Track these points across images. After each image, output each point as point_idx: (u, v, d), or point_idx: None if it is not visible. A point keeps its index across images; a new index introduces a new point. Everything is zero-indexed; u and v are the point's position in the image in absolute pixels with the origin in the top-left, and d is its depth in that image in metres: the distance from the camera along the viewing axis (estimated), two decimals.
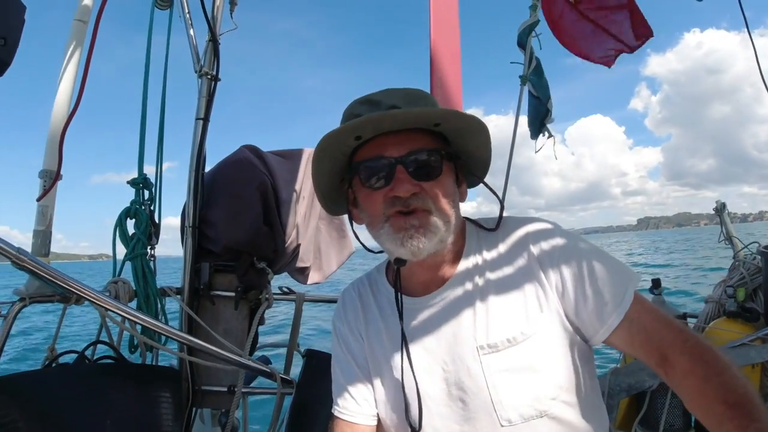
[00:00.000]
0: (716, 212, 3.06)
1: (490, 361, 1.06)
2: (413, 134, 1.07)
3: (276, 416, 2.16)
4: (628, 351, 1.08)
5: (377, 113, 1.02)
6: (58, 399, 1.61)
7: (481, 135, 1.12)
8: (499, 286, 1.11)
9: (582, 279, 1.06)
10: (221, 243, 2.14)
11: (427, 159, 1.06)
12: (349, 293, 1.35)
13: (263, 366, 2.06)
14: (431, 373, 1.13)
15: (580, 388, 1.08)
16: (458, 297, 1.14)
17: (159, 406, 1.85)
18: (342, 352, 1.29)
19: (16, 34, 1.33)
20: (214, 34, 2.23)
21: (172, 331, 1.87)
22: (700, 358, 0.93)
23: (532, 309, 1.07)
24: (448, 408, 1.10)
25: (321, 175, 1.16)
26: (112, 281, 2.00)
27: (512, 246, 1.15)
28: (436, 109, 1.07)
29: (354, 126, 1.03)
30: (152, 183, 2.19)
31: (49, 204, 1.86)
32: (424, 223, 1.04)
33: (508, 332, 1.06)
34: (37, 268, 1.52)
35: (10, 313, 1.70)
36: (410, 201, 1.04)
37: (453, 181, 1.13)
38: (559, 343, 1.06)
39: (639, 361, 2.54)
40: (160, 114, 2.25)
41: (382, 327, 1.23)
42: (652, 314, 1.03)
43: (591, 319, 1.05)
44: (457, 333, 1.11)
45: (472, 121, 1.08)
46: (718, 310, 2.59)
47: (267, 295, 2.22)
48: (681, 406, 2.52)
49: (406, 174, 1.05)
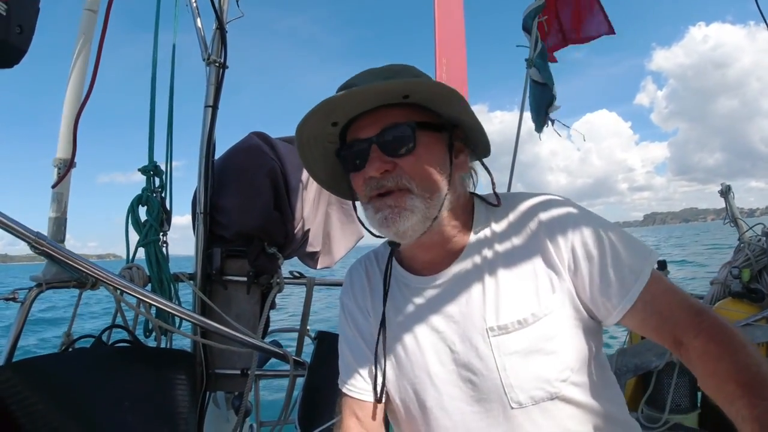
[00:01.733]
0: (721, 194, 3.08)
1: (500, 342, 1.03)
2: (386, 110, 1.04)
3: (289, 398, 2.19)
4: (642, 332, 1.06)
5: (335, 95, 0.99)
6: (75, 381, 1.64)
7: (455, 100, 1.04)
8: (510, 265, 1.08)
9: (595, 258, 1.02)
10: (232, 229, 2.18)
11: (399, 133, 1.02)
12: (356, 269, 1.33)
13: (276, 348, 2.09)
14: (439, 353, 1.11)
15: (591, 368, 1.06)
16: (467, 276, 1.11)
17: (175, 388, 1.88)
18: (349, 329, 1.28)
19: (31, 21, 1.35)
20: (221, 21, 2.26)
21: (187, 312, 1.90)
22: (714, 338, 0.91)
23: (543, 289, 1.04)
24: (458, 389, 1.08)
25: (313, 163, 1.16)
26: (126, 267, 2.03)
27: (523, 222, 1.10)
28: (391, 81, 1.00)
29: (315, 110, 1.01)
30: (162, 170, 2.22)
31: (64, 191, 1.89)
32: (400, 203, 1.01)
33: (519, 313, 1.03)
34: (55, 252, 1.56)
35: (27, 298, 1.74)
36: (384, 181, 1.02)
37: (440, 152, 1.07)
38: (571, 324, 1.03)
39: (645, 341, 2.59)
40: (169, 102, 2.27)
41: (389, 305, 1.21)
42: (668, 295, 1.00)
43: (604, 300, 1.01)
44: (466, 313, 1.09)
45: (440, 87, 1.02)
46: (723, 291, 2.62)
47: (278, 279, 2.25)
48: (687, 386, 2.55)
49: (379, 152, 1.02)
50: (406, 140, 1.02)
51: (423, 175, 1.02)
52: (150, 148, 2.21)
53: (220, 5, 2.26)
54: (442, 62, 2.76)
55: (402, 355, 1.16)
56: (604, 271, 1.01)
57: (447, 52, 2.71)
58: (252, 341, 1.99)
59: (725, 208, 3.00)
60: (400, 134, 1.01)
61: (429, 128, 1.05)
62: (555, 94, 3.03)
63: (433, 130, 1.06)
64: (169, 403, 1.85)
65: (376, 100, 1.02)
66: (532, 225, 1.09)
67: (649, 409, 2.58)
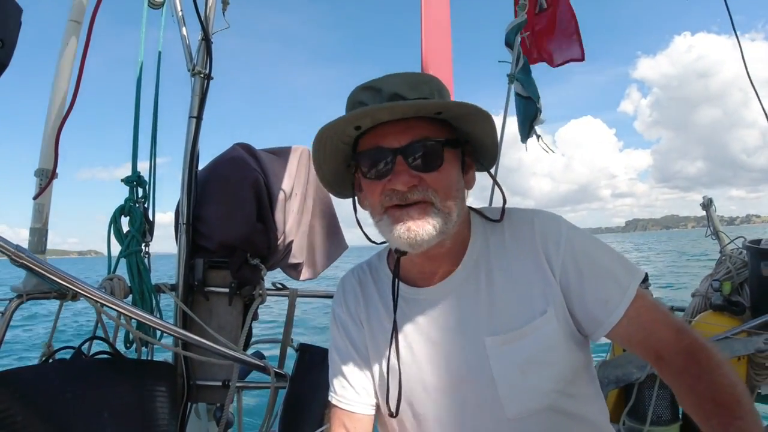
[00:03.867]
0: (703, 207, 3.11)
1: (495, 354, 1.06)
2: (414, 122, 1.02)
3: (270, 409, 2.19)
4: (627, 346, 1.10)
5: (375, 106, 0.98)
6: (55, 393, 1.64)
7: (486, 122, 1.05)
8: (506, 279, 1.10)
9: (586, 274, 1.05)
10: (215, 239, 2.18)
11: (428, 149, 1.02)
12: (349, 279, 1.32)
13: (257, 360, 2.09)
14: (435, 365, 1.12)
15: (581, 379, 1.10)
16: (464, 288, 1.12)
17: (155, 400, 1.88)
18: (341, 339, 1.26)
19: (13, 36, 1.35)
20: (206, 33, 2.26)
21: (167, 326, 1.90)
22: (693, 357, 0.96)
23: (538, 302, 1.06)
24: (453, 400, 1.10)
25: (323, 161, 1.13)
26: (107, 278, 2.02)
27: (518, 238, 1.12)
28: (435, 100, 1.02)
29: (350, 118, 1.00)
30: (146, 181, 2.22)
31: (45, 202, 1.89)
32: (423, 215, 1.01)
33: (515, 325, 1.06)
34: (35, 265, 1.55)
35: (7, 309, 1.73)
36: (408, 194, 1.01)
37: (457, 170, 1.09)
38: (563, 337, 1.06)
39: (627, 354, 2.61)
40: (153, 112, 2.28)
41: (384, 314, 1.20)
42: (652, 312, 1.04)
43: (592, 315, 1.05)
44: (462, 325, 1.10)
45: (474, 110, 1.01)
46: (704, 304, 2.64)
47: (260, 290, 2.25)
48: (668, 397, 2.56)
49: (406, 165, 1.01)
50: (436, 157, 1.03)
51: (446, 192, 1.03)
52: (134, 159, 2.21)
53: (206, 16, 2.26)
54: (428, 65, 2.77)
55: (397, 365, 1.15)
56: (594, 287, 1.04)
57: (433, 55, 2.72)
58: (233, 354, 1.99)
59: (707, 221, 3.03)
60: (430, 150, 1.02)
61: (451, 145, 1.06)
62: (540, 107, 3.06)
63: (453, 147, 1.07)
64: (149, 415, 1.85)
65: (412, 112, 1.02)
66: (527, 240, 1.11)
67: (630, 421, 2.59)
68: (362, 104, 1.04)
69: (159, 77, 2.37)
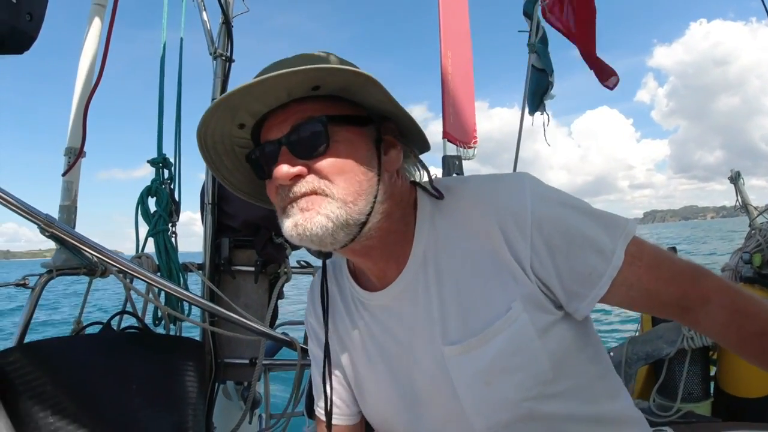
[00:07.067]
0: (731, 181, 3.06)
1: (455, 365, 0.91)
2: (298, 105, 0.86)
3: (297, 387, 2.20)
4: (637, 311, 1.01)
5: (227, 93, 0.81)
6: (83, 364, 1.65)
7: (374, 87, 0.85)
8: (460, 272, 0.92)
9: (561, 252, 0.87)
10: (240, 218, 2.20)
11: (309, 131, 0.85)
12: (316, 284, 1.16)
13: (283, 335, 2.10)
14: (395, 379, 1.01)
15: (570, 370, 0.92)
16: (413, 289, 0.96)
17: (183, 375, 1.89)
18: (314, 348, 1.18)
19: (41, 9, 1.38)
20: (227, 16, 2.31)
21: (196, 298, 1.91)
22: (722, 301, 0.90)
23: (497, 300, 0.89)
24: (415, 415, 0.99)
25: (228, 174, 1.00)
26: (135, 256, 2.05)
27: (470, 216, 0.93)
28: (292, 69, 0.78)
29: (213, 112, 0.85)
30: (171, 162, 2.25)
31: (74, 179, 1.92)
32: (312, 205, 0.84)
33: (472, 331, 0.90)
34: (65, 234, 1.57)
35: (37, 285, 1.75)
36: (294, 188, 0.85)
37: (363, 149, 0.89)
38: (540, 329, 0.89)
39: (656, 328, 2.57)
40: (177, 94, 2.31)
41: (348, 322, 1.09)
42: (654, 271, 0.90)
43: (574, 292, 0.89)
44: (418, 333, 0.96)
45: (353, 74, 0.82)
46: (734, 278, 2.59)
47: (285, 269, 2.27)
48: (699, 374, 2.52)
49: (289, 155, 0.85)
50: (318, 138, 0.84)
51: (342, 178, 0.85)
52: (159, 140, 2.24)
53: (227, 0, 2.31)
54: (447, 54, 2.78)
55: (364, 379, 1.07)
56: (572, 263, 0.88)
57: (452, 44, 2.73)
58: (260, 328, 2.00)
59: (735, 195, 2.98)
60: (311, 132, 0.85)
61: (348, 122, 0.88)
62: (552, 81, 3.05)
63: (354, 125, 0.89)
64: (177, 389, 1.86)
65: (283, 95, 0.85)
66: (481, 219, 0.91)
67: (660, 398, 2.55)
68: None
69: (182, 61, 2.40)
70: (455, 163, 2.95)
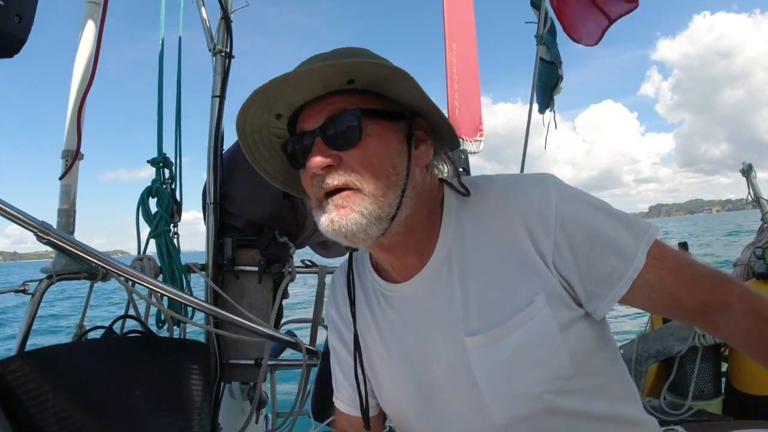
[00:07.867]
0: (743, 173, 2.98)
1: (477, 356, 0.93)
2: (334, 98, 0.91)
3: (303, 387, 2.18)
4: (657, 314, 1.03)
5: (265, 83, 0.86)
6: (86, 370, 1.63)
7: (402, 82, 0.89)
8: (485, 266, 0.95)
9: (584, 251, 0.90)
10: (243, 218, 2.17)
11: (343, 123, 0.89)
12: (338, 277, 1.22)
13: (288, 336, 2.08)
14: (415, 371, 1.02)
15: (593, 368, 0.95)
16: (437, 282, 0.98)
17: (188, 377, 1.87)
18: (335, 341, 1.20)
19: (30, 11, 1.34)
20: (226, 11, 2.26)
21: (200, 302, 1.89)
22: (743, 307, 0.90)
23: (521, 292, 0.91)
24: (432, 407, 1.01)
25: (264, 163, 1.05)
26: (137, 258, 2.03)
27: (496, 213, 0.96)
28: (328, 63, 0.84)
29: (251, 103, 0.90)
30: (172, 162, 2.22)
31: (72, 183, 1.89)
32: (347, 202, 0.88)
33: (495, 322, 0.92)
34: (62, 241, 1.54)
35: (37, 290, 1.73)
36: (329, 179, 0.89)
37: (394, 143, 0.92)
38: (561, 325, 0.91)
39: (667, 326, 2.53)
40: (177, 92, 2.27)
41: (368, 315, 1.11)
42: (675, 273, 0.91)
43: (590, 291, 0.91)
44: (440, 325, 0.98)
45: (382, 69, 0.87)
46: (747, 273, 2.55)
47: (290, 268, 2.24)
48: (711, 371, 2.49)
49: (323, 145, 0.89)
50: (351, 130, 0.88)
51: (372, 171, 0.89)
52: (159, 140, 2.21)
53: None
54: (452, 46, 2.73)
55: (381, 371, 1.09)
56: (594, 262, 0.90)
57: (457, 36, 2.67)
58: (265, 330, 1.98)
59: (747, 188, 2.91)
60: (344, 124, 0.88)
61: (380, 116, 0.92)
62: (561, 74, 2.98)
63: (387, 119, 0.93)
64: (182, 392, 1.84)
65: (319, 87, 0.89)
66: (507, 216, 0.94)
67: (671, 396, 2.51)
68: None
69: (180, 59, 2.36)
70: (461, 157, 2.90)
